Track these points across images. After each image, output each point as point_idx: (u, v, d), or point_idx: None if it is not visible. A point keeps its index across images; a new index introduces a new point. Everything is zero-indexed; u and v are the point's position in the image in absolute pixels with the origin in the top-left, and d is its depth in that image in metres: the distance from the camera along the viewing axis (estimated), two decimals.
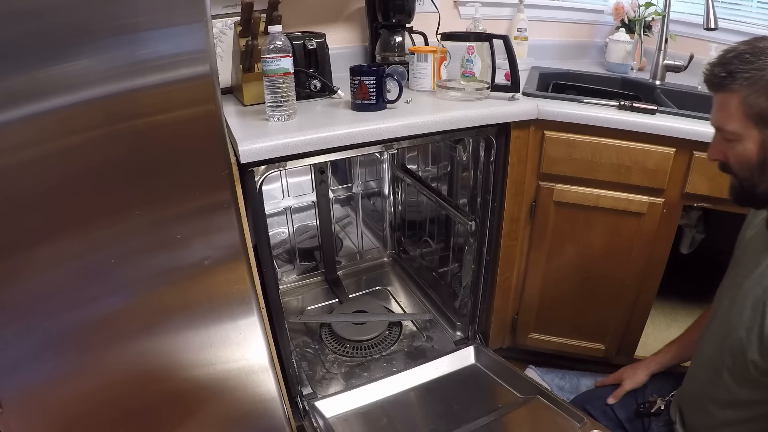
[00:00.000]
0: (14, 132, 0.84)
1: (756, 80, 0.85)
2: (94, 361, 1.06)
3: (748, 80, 0.86)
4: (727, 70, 0.88)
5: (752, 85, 0.85)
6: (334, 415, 1.45)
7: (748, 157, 0.91)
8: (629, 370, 1.35)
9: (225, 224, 1.09)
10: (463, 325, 1.81)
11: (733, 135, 0.91)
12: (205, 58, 0.94)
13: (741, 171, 0.94)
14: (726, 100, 0.90)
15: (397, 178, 2.14)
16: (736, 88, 0.87)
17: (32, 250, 0.92)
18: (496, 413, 1.43)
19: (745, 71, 0.86)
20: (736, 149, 0.92)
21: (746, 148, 0.90)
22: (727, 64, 0.88)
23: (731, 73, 0.88)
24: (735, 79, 0.87)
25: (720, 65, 0.89)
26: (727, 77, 0.88)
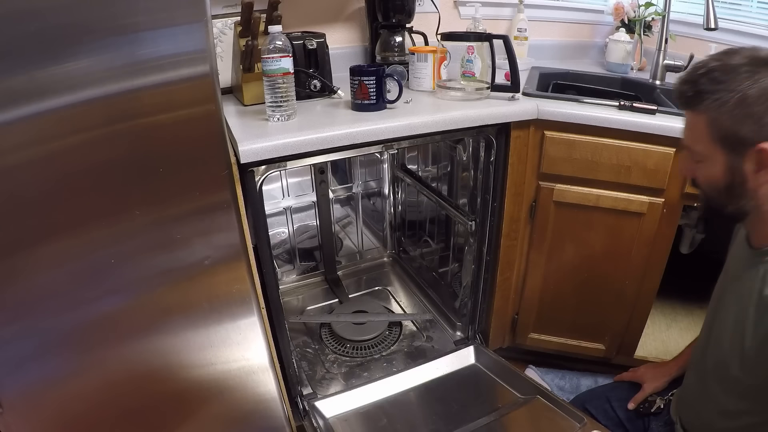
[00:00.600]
0: (14, 132, 0.84)
1: (723, 102, 0.82)
2: (94, 360, 1.06)
3: (716, 102, 0.83)
4: (695, 89, 0.86)
5: (720, 108, 0.83)
6: (334, 415, 1.45)
7: (715, 179, 0.90)
8: (650, 373, 1.32)
9: (225, 224, 1.09)
10: (463, 325, 1.81)
11: (701, 156, 0.90)
12: (205, 58, 0.94)
13: (709, 191, 0.93)
14: (694, 120, 0.88)
15: (397, 178, 2.14)
16: (703, 109, 0.85)
17: (32, 250, 0.92)
18: (496, 413, 1.43)
19: (712, 92, 0.83)
20: (704, 170, 0.91)
21: (713, 170, 0.89)
22: (695, 83, 0.86)
23: (699, 93, 0.85)
24: (702, 100, 0.85)
25: (688, 83, 0.87)
26: (694, 97, 0.86)
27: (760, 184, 0.85)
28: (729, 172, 0.87)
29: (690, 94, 0.87)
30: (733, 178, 0.87)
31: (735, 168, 0.86)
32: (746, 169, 0.85)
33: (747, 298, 0.93)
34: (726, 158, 0.86)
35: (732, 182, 0.88)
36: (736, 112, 0.81)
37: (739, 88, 0.80)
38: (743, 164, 0.85)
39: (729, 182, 0.88)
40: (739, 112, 0.81)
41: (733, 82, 0.81)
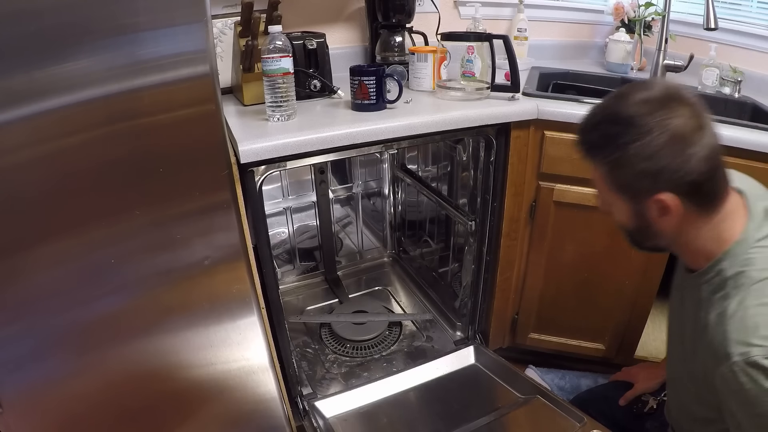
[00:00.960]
0: (14, 132, 0.84)
1: (616, 157, 0.83)
2: (94, 360, 1.06)
3: (606, 158, 0.85)
4: (589, 143, 0.88)
5: (610, 163, 0.84)
6: (334, 415, 1.45)
7: (624, 222, 0.92)
8: (643, 373, 1.34)
9: (225, 224, 1.09)
10: (463, 325, 1.81)
11: (606, 201, 0.92)
12: (205, 58, 0.94)
13: (623, 229, 0.96)
14: (593, 170, 0.90)
15: (397, 178, 2.14)
16: (598, 163, 0.87)
17: (32, 250, 0.92)
18: (496, 413, 1.43)
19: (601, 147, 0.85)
20: (614, 211, 0.93)
21: (621, 215, 0.92)
22: (589, 134, 0.88)
23: (591, 149, 0.88)
24: (594, 155, 0.87)
25: (583, 134, 0.89)
26: (588, 151, 0.88)
27: (666, 226, 0.87)
28: (634, 217, 0.89)
29: (584, 148, 0.89)
30: (639, 222, 0.89)
31: (639, 213, 0.88)
32: (650, 215, 0.87)
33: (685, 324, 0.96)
34: (627, 205, 0.89)
35: (640, 225, 0.90)
36: (629, 168, 0.82)
37: (630, 145, 0.80)
38: (646, 210, 0.86)
39: (637, 225, 0.91)
40: (632, 168, 0.82)
41: (624, 136, 0.81)
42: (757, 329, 0.77)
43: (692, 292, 0.93)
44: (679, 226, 0.87)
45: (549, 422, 1.36)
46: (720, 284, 0.86)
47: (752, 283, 0.81)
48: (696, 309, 0.91)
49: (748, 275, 0.82)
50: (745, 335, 0.77)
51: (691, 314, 0.93)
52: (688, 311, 0.94)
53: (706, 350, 0.85)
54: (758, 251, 0.84)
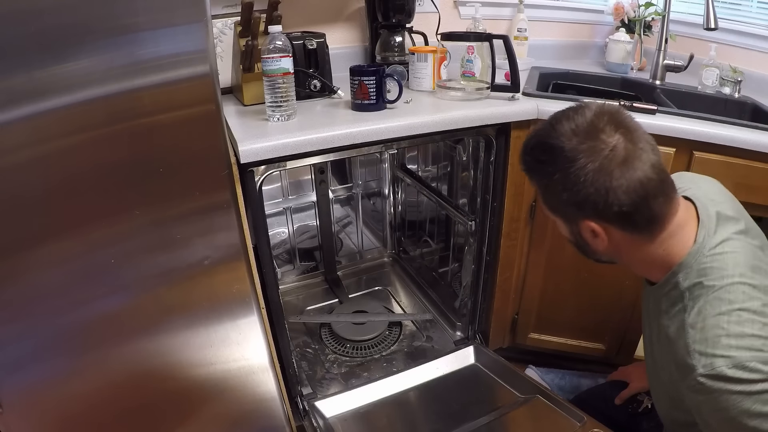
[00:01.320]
0: (14, 132, 0.84)
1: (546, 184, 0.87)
2: (94, 360, 1.06)
3: (540, 181, 0.89)
4: (525, 164, 0.92)
5: (544, 187, 0.89)
6: (334, 415, 1.45)
7: (567, 237, 0.96)
8: (637, 372, 1.35)
9: (225, 224, 1.09)
10: (463, 325, 1.81)
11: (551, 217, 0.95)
12: (205, 58, 0.94)
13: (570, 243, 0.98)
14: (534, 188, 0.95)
15: (397, 178, 2.14)
16: (533, 183, 0.92)
17: (32, 250, 0.92)
18: (496, 413, 1.43)
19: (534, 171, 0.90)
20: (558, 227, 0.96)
21: (562, 230, 0.95)
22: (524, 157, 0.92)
23: (527, 170, 0.92)
24: (531, 177, 0.92)
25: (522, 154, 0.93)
26: (525, 171, 0.93)
27: (602, 246, 0.89)
28: (571, 234, 0.93)
29: (522, 168, 0.94)
30: (576, 240, 0.93)
31: (575, 233, 0.91)
32: (584, 236, 0.89)
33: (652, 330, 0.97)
34: (564, 224, 0.92)
35: (577, 243, 0.94)
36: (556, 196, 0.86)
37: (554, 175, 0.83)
38: (580, 231, 0.89)
39: (575, 242, 0.95)
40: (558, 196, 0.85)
41: (550, 165, 0.84)
42: (719, 340, 0.77)
43: (654, 304, 0.94)
44: (617, 247, 0.89)
45: (549, 421, 1.36)
46: (678, 297, 0.85)
47: (709, 293, 0.81)
48: (658, 320, 0.92)
49: (705, 285, 0.82)
50: (706, 347, 0.77)
51: (655, 325, 0.94)
52: (653, 322, 0.95)
53: (671, 362, 0.86)
54: (712, 259, 0.83)
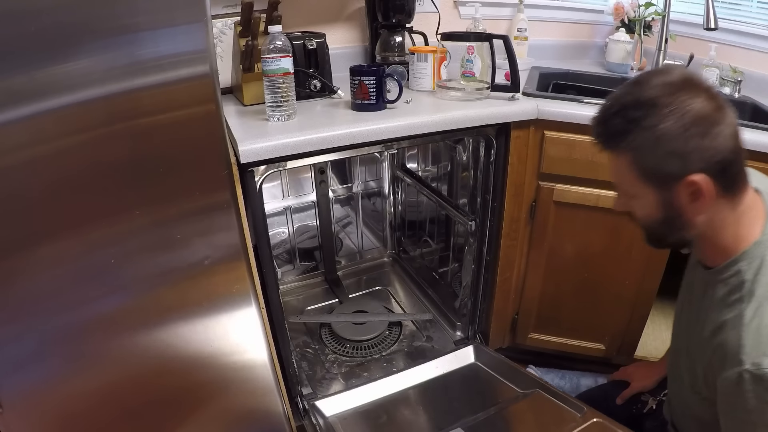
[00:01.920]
0: (14, 132, 0.84)
1: (643, 141, 0.79)
2: (94, 360, 1.06)
3: (633, 143, 0.80)
4: (611, 131, 0.83)
5: (639, 148, 0.80)
6: (333, 414, 1.45)
7: (651, 215, 0.88)
8: (641, 371, 1.35)
9: (225, 224, 1.09)
10: (463, 325, 1.81)
11: (630, 194, 0.88)
12: (205, 58, 0.94)
13: (646, 225, 0.92)
14: (616, 161, 0.85)
15: (397, 178, 2.14)
16: (623, 151, 0.82)
17: (32, 250, 0.92)
18: (496, 407, 1.43)
19: (628, 132, 0.80)
20: (638, 206, 0.89)
21: (647, 207, 0.87)
22: (608, 124, 0.83)
23: (614, 135, 0.83)
24: (620, 142, 0.82)
25: (603, 124, 0.84)
26: (610, 139, 0.84)
27: (697, 213, 0.83)
28: (663, 206, 0.85)
29: (605, 137, 0.85)
30: (668, 211, 0.85)
31: (668, 202, 0.84)
32: (680, 202, 0.83)
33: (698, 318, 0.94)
34: (656, 194, 0.84)
35: (668, 215, 0.86)
36: (658, 150, 0.79)
37: (657, 126, 0.77)
38: (676, 197, 0.82)
39: (665, 216, 0.86)
40: (661, 150, 0.78)
41: (649, 118, 0.78)
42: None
43: (707, 289, 0.91)
44: (708, 215, 0.83)
45: (550, 414, 1.36)
46: (737, 286, 0.84)
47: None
48: (710, 307, 0.89)
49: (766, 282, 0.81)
50: (759, 346, 0.77)
51: (704, 311, 0.91)
52: (702, 307, 0.92)
53: (716, 350, 0.84)
54: None
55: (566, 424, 1.28)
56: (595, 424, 1.26)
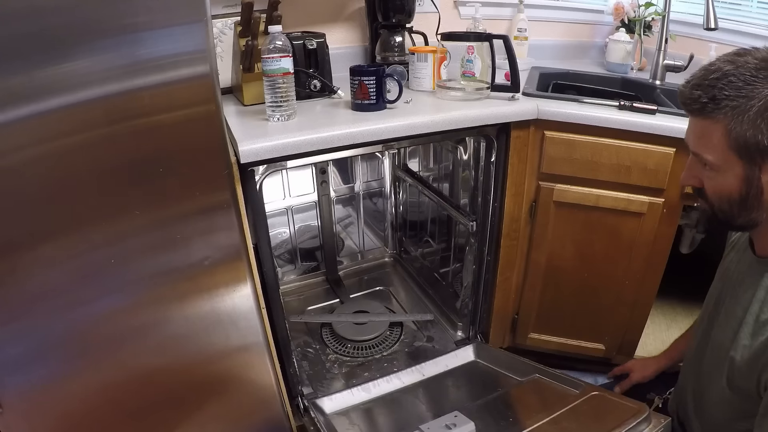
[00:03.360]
0: (14, 132, 0.84)
1: (744, 110, 0.76)
2: (94, 360, 1.06)
3: (735, 110, 0.77)
4: (711, 95, 0.79)
5: (739, 116, 0.77)
6: (334, 411, 1.45)
7: (728, 191, 0.84)
8: (639, 363, 1.36)
9: (225, 224, 1.09)
10: (464, 325, 1.81)
11: (714, 165, 0.84)
12: (205, 58, 0.94)
13: (719, 203, 0.88)
14: (707, 127, 0.82)
15: (398, 178, 2.14)
16: (721, 117, 0.79)
17: (32, 250, 0.92)
18: (495, 394, 1.43)
19: (731, 98, 0.77)
20: (716, 180, 0.85)
21: (727, 181, 0.84)
22: (710, 87, 0.79)
23: (715, 99, 0.79)
24: (720, 107, 0.79)
25: (702, 88, 0.81)
26: (709, 103, 0.80)
27: None
28: (745, 183, 0.82)
29: (704, 101, 0.80)
30: (749, 189, 0.82)
31: (752, 179, 0.81)
32: (763, 180, 0.80)
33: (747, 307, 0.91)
34: (743, 168, 0.81)
35: (747, 193, 0.83)
36: (759, 121, 0.75)
37: (762, 94, 0.75)
38: (761, 175, 0.80)
39: (744, 193, 0.83)
40: (762, 120, 0.75)
41: (754, 88, 0.75)
42: None
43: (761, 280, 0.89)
44: None
45: (548, 393, 1.36)
46: None
47: None
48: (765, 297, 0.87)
49: None
50: None
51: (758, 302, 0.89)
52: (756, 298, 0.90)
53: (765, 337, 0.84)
54: None
55: (565, 399, 1.27)
56: (593, 397, 1.25)
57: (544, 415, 1.18)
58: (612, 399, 1.24)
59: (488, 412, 1.34)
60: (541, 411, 1.21)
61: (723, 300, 1.02)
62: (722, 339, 0.98)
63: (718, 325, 1.01)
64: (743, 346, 0.90)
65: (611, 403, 1.22)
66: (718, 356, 0.98)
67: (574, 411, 1.20)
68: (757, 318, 0.88)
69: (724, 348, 0.96)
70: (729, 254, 1.07)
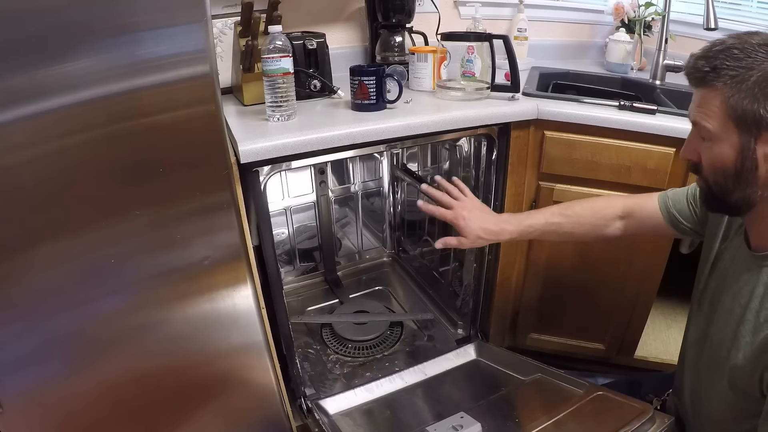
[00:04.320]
0: (14, 132, 0.84)
1: (743, 80, 0.78)
2: (94, 360, 1.06)
3: (734, 79, 0.78)
4: (712, 65, 0.81)
5: (738, 84, 0.78)
6: (337, 412, 1.45)
7: (724, 162, 0.84)
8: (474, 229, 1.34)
9: (225, 224, 1.09)
10: (464, 324, 1.81)
11: (711, 134, 0.84)
12: (205, 58, 0.94)
13: (714, 175, 0.87)
14: (707, 96, 0.83)
15: (396, 178, 2.14)
16: (720, 86, 0.80)
17: (32, 250, 0.92)
18: (498, 394, 1.43)
19: (731, 68, 0.79)
20: (712, 150, 0.86)
21: (723, 152, 0.83)
22: (712, 58, 0.81)
23: (716, 69, 0.80)
24: (719, 76, 0.80)
25: (705, 58, 0.82)
26: (710, 72, 0.81)
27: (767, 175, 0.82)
28: (740, 154, 0.82)
29: (706, 69, 0.81)
30: (743, 161, 0.82)
31: (747, 150, 0.81)
32: (758, 154, 0.81)
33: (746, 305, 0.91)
34: (739, 139, 0.81)
35: (742, 166, 0.82)
36: (757, 90, 0.77)
37: (761, 66, 0.76)
38: (756, 147, 0.81)
39: (738, 166, 0.83)
40: (760, 91, 0.76)
41: (754, 61, 0.77)
42: None
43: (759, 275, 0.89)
44: None
45: (552, 393, 1.35)
46: None
47: None
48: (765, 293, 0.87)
49: None
50: None
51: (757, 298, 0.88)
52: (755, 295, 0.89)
53: None
54: None
55: (569, 400, 1.27)
56: (597, 397, 1.25)
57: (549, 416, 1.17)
58: (616, 399, 1.23)
59: (493, 412, 1.33)
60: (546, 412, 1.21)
61: (719, 298, 1.01)
62: (721, 338, 0.97)
63: (716, 324, 1.00)
64: (745, 344, 0.89)
65: (615, 403, 1.22)
66: (718, 356, 0.97)
67: (578, 411, 1.20)
68: (758, 315, 0.88)
69: (724, 347, 0.95)
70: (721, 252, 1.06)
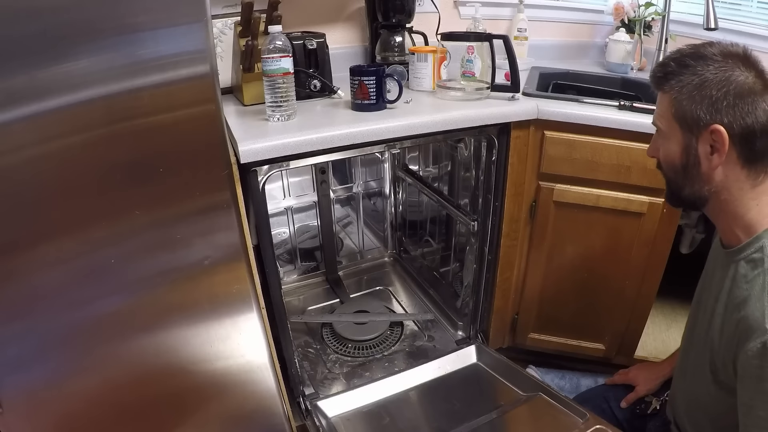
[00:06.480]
0: (14, 132, 0.84)
1: (686, 84, 0.87)
2: (94, 361, 1.06)
3: (680, 83, 0.88)
4: (665, 71, 0.91)
5: (682, 88, 0.88)
6: (336, 415, 1.45)
7: (672, 158, 0.94)
8: (643, 375, 1.33)
9: (225, 224, 1.09)
10: (464, 324, 1.81)
11: (663, 133, 0.94)
12: (205, 58, 0.94)
13: (668, 171, 0.97)
14: (661, 99, 0.93)
15: (398, 178, 2.14)
16: (668, 90, 0.90)
17: (32, 250, 0.92)
18: (498, 411, 1.43)
19: (678, 74, 0.88)
20: (665, 147, 0.95)
21: (671, 149, 0.93)
22: (667, 65, 0.91)
23: (667, 75, 0.90)
24: (668, 80, 0.90)
25: (662, 65, 0.93)
26: (663, 77, 0.91)
27: (713, 167, 0.88)
28: (685, 151, 0.91)
29: (660, 75, 0.92)
30: (688, 158, 0.91)
31: (690, 148, 0.90)
32: (700, 151, 0.89)
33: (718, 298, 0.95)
34: (683, 137, 0.90)
35: (687, 162, 0.91)
36: (695, 93, 0.86)
37: (702, 73, 0.86)
38: (698, 145, 0.88)
39: (684, 162, 0.92)
40: (698, 93, 0.86)
41: (699, 67, 0.86)
42: None
43: (728, 270, 0.93)
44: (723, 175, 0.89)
45: (551, 419, 1.36)
46: (759, 260, 0.86)
47: None
48: (732, 286, 0.91)
49: None
50: None
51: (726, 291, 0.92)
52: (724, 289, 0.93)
53: (739, 323, 0.85)
54: None
55: (568, 430, 1.28)
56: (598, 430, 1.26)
57: None
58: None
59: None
60: None
61: (700, 298, 1.07)
62: (701, 333, 1.01)
63: (699, 322, 1.04)
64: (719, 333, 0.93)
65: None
66: (702, 352, 1.00)
67: None
68: (726, 306, 0.91)
69: (702, 342, 0.99)
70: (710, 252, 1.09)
